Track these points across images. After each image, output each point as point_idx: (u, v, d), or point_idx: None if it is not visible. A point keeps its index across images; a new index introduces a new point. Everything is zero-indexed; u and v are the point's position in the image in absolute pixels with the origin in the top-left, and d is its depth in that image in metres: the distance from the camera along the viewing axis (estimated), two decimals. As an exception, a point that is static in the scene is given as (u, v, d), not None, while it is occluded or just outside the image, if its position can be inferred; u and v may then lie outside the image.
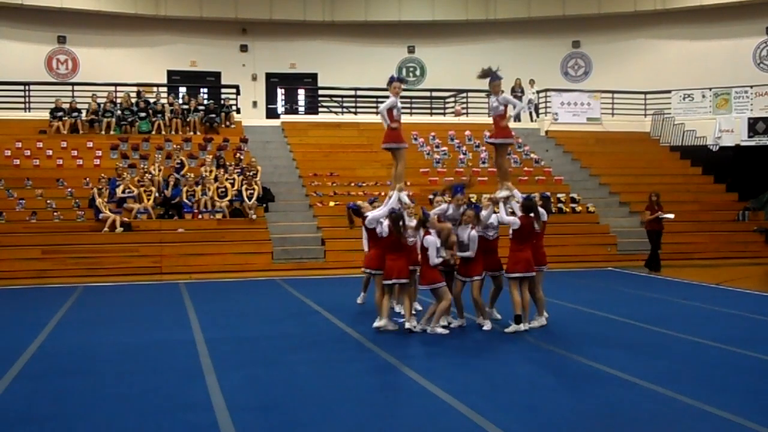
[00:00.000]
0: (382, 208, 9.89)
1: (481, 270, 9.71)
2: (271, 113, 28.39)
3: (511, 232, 9.61)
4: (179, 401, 6.60)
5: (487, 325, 9.75)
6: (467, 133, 23.87)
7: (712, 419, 6.02)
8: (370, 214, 9.96)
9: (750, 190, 22.05)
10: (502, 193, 9.91)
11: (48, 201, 18.11)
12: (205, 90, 26.75)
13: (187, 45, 28.69)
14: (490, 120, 10.50)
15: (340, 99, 27.03)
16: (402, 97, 31.50)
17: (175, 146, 21.10)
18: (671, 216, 16.70)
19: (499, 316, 10.24)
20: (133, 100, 22.89)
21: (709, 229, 20.12)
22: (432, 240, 9.33)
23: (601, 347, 8.71)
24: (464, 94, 27.20)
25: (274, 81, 29.32)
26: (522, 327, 9.46)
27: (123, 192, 18.07)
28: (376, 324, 9.63)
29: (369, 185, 20.33)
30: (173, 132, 22.42)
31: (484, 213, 9.65)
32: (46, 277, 15.92)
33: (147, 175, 18.87)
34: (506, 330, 9.54)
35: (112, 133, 22.01)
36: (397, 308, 10.70)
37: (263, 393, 6.86)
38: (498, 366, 7.98)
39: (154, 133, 22.18)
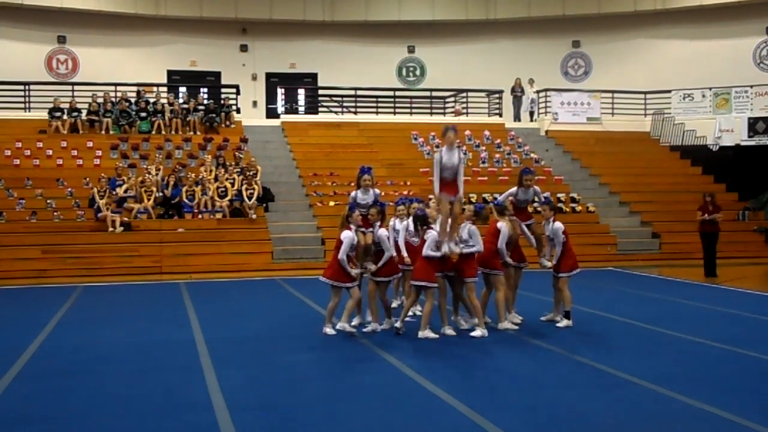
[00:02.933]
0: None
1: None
2: (271, 113, 28.37)
3: (563, 237, 10.08)
4: (179, 401, 6.60)
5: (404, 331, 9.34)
6: (467, 133, 23.83)
7: (712, 419, 6.02)
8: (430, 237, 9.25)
9: (750, 190, 22.03)
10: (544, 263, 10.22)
11: (48, 201, 18.11)
12: (205, 90, 26.73)
13: (187, 45, 28.68)
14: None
15: (340, 99, 27.04)
16: (402, 97, 31.34)
17: (162, 144, 21.08)
18: (720, 216, 16.53)
19: (521, 318, 10.09)
20: (132, 100, 22.88)
21: (709, 229, 20.08)
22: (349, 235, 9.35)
23: (601, 347, 8.72)
24: (464, 94, 27.19)
25: (274, 81, 29.31)
26: (571, 323, 9.77)
27: (125, 192, 18.09)
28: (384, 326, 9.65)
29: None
30: (173, 132, 22.41)
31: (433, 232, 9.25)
32: (45, 277, 15.93)
33: (147, 175, 18.87)
34: (558, 325, 9.78)
35: (111, 133, 22.01)
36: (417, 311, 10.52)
37: (263, 393, 6.86)
38: (498, 366, 7.98)
39: (154, 133, 22.18)
